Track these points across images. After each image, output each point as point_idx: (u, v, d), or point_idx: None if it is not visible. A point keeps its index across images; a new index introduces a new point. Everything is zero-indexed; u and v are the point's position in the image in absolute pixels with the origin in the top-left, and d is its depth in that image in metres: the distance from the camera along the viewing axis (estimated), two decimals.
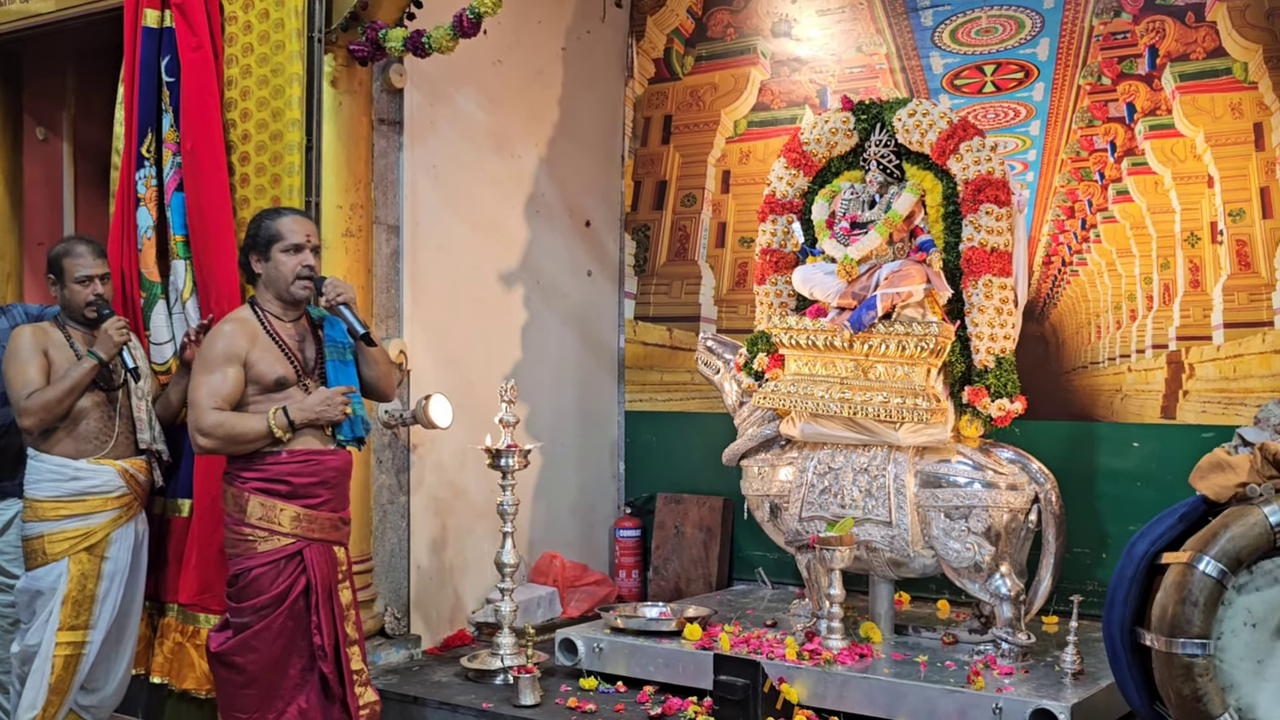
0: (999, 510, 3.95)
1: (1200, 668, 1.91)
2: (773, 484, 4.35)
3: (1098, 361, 4.76)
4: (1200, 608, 1.92)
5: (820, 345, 4.19)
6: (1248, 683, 1.96)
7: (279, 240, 3.70)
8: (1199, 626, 1.92)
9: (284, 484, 3.59)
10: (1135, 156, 4.68)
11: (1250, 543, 1.94)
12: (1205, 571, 1.93)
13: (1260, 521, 1.93)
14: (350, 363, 3.78)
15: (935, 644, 4.16)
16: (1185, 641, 1.92)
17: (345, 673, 3.66)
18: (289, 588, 3.59)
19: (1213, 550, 1.94)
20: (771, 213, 4.54)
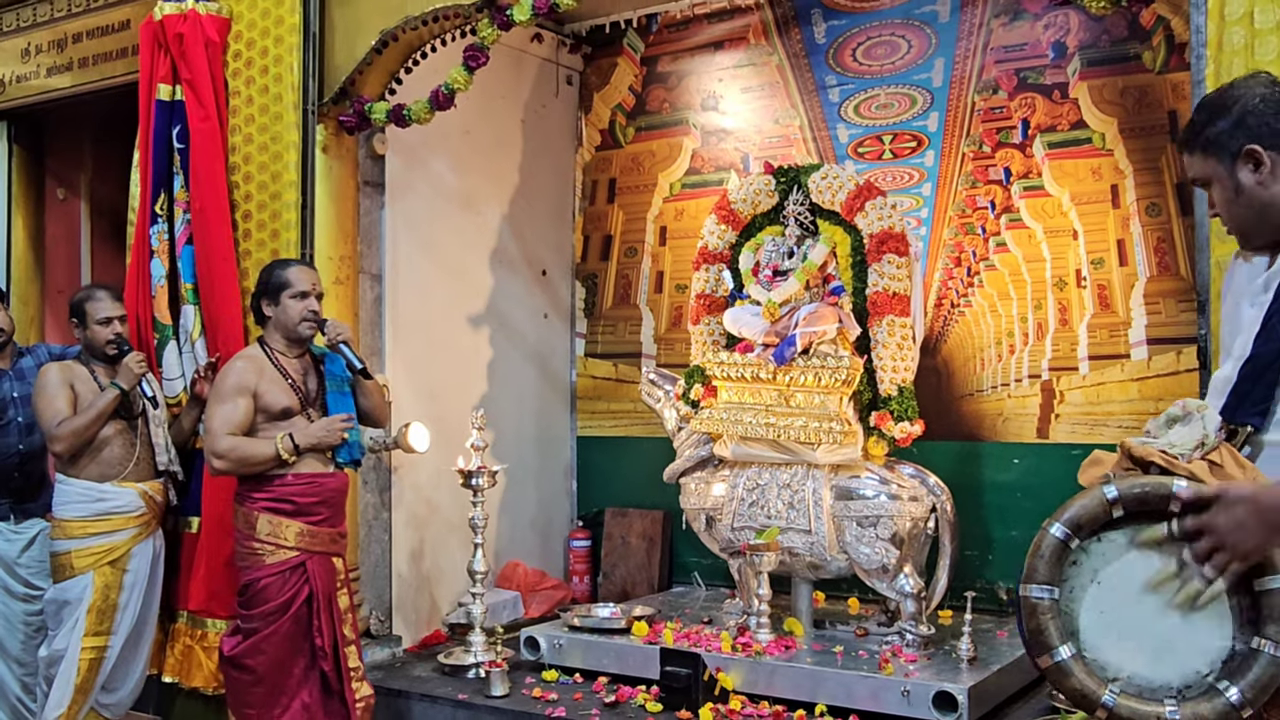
0: (902, 519, 4.02)
1: (1044, 607, 2.04)
2: (708, 498, 4.37)
3: (983, 389, 4.85)
4: (1045, 560, 2.06)
5: (748, 377, 4.24)
6: (1091, 628, 2.08)
7: (288, 288, 3.72)
8: (1043, 575, 2.05)
9: (289, 503, 3.59)
10: (1012, 213, 4.79)
11: (1089, 513, 2.07)
12: (1053, 534, 2.06)
13: (1098, 495, 2.06)
14: (348, 394, 3.79)
15: (849, 636, 4.21)
16: (1034, 586, 2.05)
17: (344, 670, 3.65)
18: (294, 596, 3.58)
19: (1060, 518, 2.07)
20: (704, 262, 4.59)
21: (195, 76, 4.39)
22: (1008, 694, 3.82)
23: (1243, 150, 2.21)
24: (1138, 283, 4.51)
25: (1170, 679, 2.05)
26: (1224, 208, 2.26)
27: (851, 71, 5.18)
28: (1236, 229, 2.28)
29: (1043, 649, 2.04)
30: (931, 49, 4.97)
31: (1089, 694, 2.02)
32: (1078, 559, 2.09)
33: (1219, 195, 2.26)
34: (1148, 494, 2.06)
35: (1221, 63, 2.97)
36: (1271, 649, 2.01)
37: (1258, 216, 2.23)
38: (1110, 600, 2.09)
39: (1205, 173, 2.26)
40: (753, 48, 5.43)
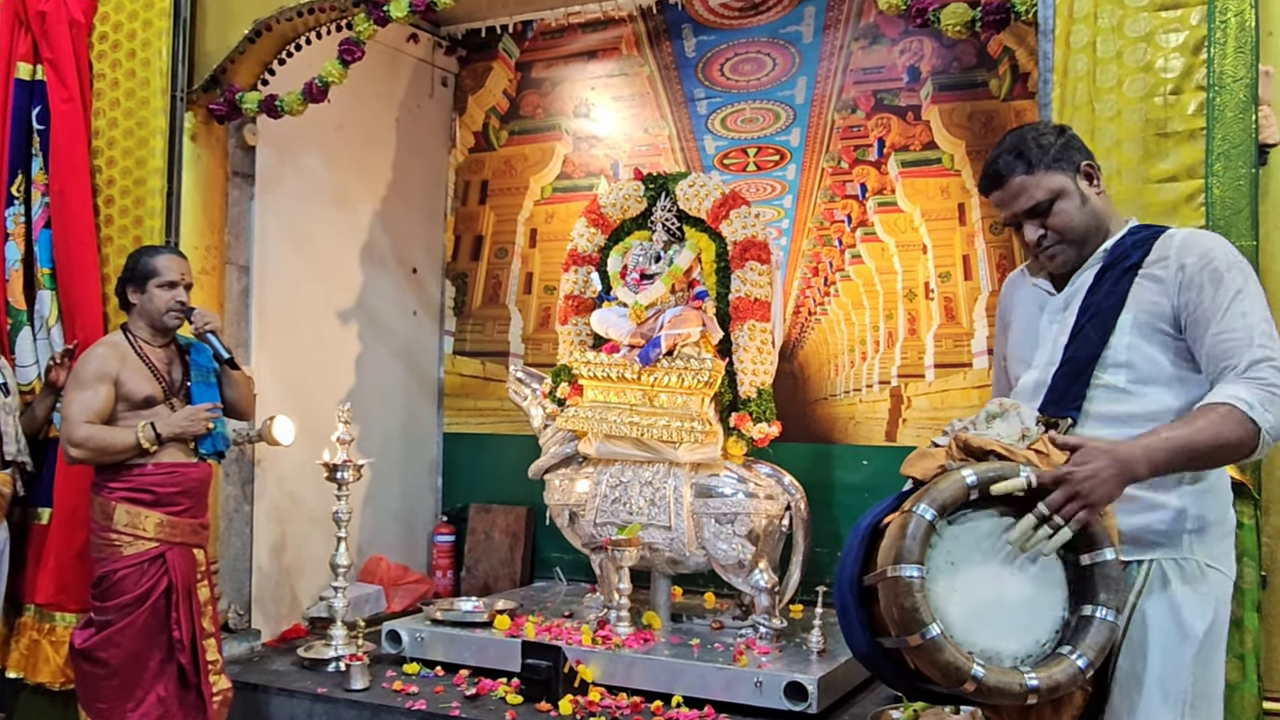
0: (759, 516, 4.05)
1: (917, 585, 2.09)
2: (571, 495, 4.35)
3: (836, 394, 4.94)
4: (917, 541, 2.11)
5: (614, 377, 4.23)
6: (948, 606, 2.14)
7: (156, 276, 3.55)
8: (916, 554, 2.10)
9: (149, 493, 3.42)
10: (867, 227, 4.90)
11: (953, 495, 2.14)
12: (921, 515, 2.12)
13: (959, 479, 2.14)
14: (214, 385, 3.64)
15: (705, 629, 4.23)
16: (906, 566, 2.09)
17: (201, 663, 3.50)
18: (151, 588, 3.42)
19: (926, 500, 2.12)
20: (574, 264, 4.57)
21: (58, 56, 4.17)
22: (854, 684, 3.88)
23: (1082, 165, 2.42)
24: (980, 296, 4.65)
25: (1015, 650, 2.16)
26: (1069, 219, 2.41)
27: (719, 86, 5.22)
28: (1078, 240, 2.43)
29: (916, 626, 2.08)
30: (795, 68, 5.05)
31: (960, 667, 2.07)
32: (934, 542, 2.15)
33: (1068, 207, 2.41)
34: (1001, 477, 2.17)
35: (1066, 87, 3.07)
36: (1104, 614, 2.16)
37: (1096, 226, 2.41)
38: (962, 579, 2.16)
39: (1056, 187, 2.40)
40: (625, 58, 5.43)
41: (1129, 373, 2.33)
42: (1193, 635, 2.29)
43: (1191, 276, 2.27)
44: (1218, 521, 2.37)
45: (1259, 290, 2.26)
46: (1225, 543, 2.40)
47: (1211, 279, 2.26)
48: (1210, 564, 2.34)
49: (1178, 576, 2.32)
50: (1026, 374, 2.48)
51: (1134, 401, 2.32)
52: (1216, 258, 2.27)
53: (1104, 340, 2.34)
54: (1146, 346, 2.32)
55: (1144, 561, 2.33)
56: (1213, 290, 2.25)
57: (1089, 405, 2.35)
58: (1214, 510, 2.36)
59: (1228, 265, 2.26)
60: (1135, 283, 2.34)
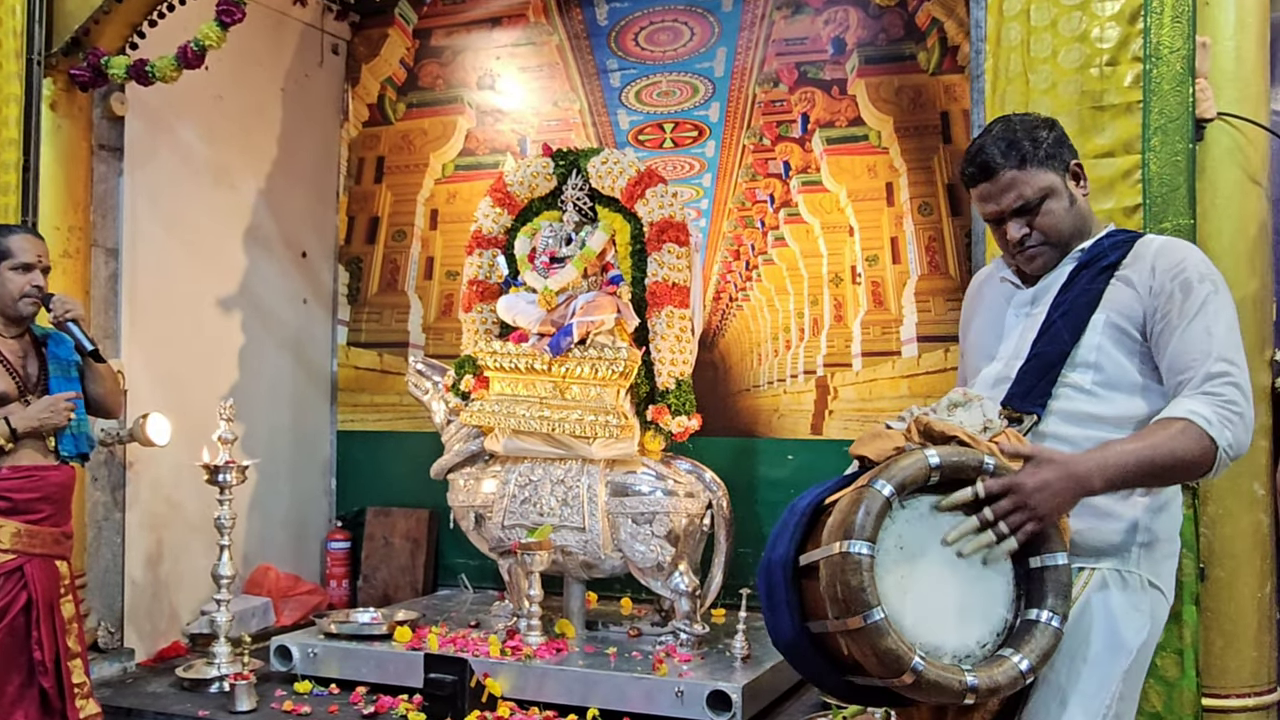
0: (678, 515, 4.03)
1: (866, 564, 2.07)
2: (477, 495, 4.29)
3: (759, 385, 4.94)
4: (872, 516, 2.10)
5: (522, 368, 4.18)
6: (891, 593, 2.13)
7: (8, 258, 3.38)
8: (870, 531, 2.09)
9: (5, 500, 3.26)
10: (790, 208, 4.90)
11: (913, 474, 2.14)
12: (879, 490, 2.10)
13: (921, 459, 2.14)
14: (75, 380, 3.48)
15: (622, 637, 4.21)
16: (857, 542, 2.06)
17: (66, 686, 3.34)
18: (9, 604, 3.25)
19: (885, 476, 2.11)
20: (478, 247, 4.51)
21: None
22: (780, 691, 3.89)
23: (1071, 164, 2.46)
24: (909, 280, 4.68)
25: (956, 647, 2.16)
26: (1056, 220, 2.44)
27: (633, 56, 5.18)
28: (1062, 242, 2.46)
29: (860, 607, 2.05)
30: (714, 38, 5.03)
31: (901, 656, 2.05)
32: (885, 523, 2.13)
33: (1057, 207, 2.44)
34: (964, 464, 2.18)
35: (1000, 57, 3.08)
36: (1050, 619, 2.16)
37: (1079, 229, 2.46)
38: (909, 567, 2.15)
39: (1046, 185, 2.47)
40: (532, 26, 5.36)
41: (1096, 374, 2.36)
42: (1127, 649, 2.33)
43: (1163, 284, 2.32)
44: (1167, 540, 2.42)
45: (1228, 304, 2.31)
46: (1169, 563, 2.44)
47: (1182, 288, 2.31)
48: (1154, 581, 2.39)
49: (1119, 587, 2.36)
50: (988, 366, 2.51)
51: (1099, 403, 2.36)
52: (1189, 268, 2.31)
53: (1075, 338, 2.38)
54: (1114, 350, 2.36)
55: (1085, 569, 2.36)
56: (1181, 299, 2.30)
57: (1054, 403, 2.38)
58: (1165, 528, 2.41)
59: (1199, 277, 2.30)
60: (1110, 284, 2.38)
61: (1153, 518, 2.37)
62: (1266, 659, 3.29)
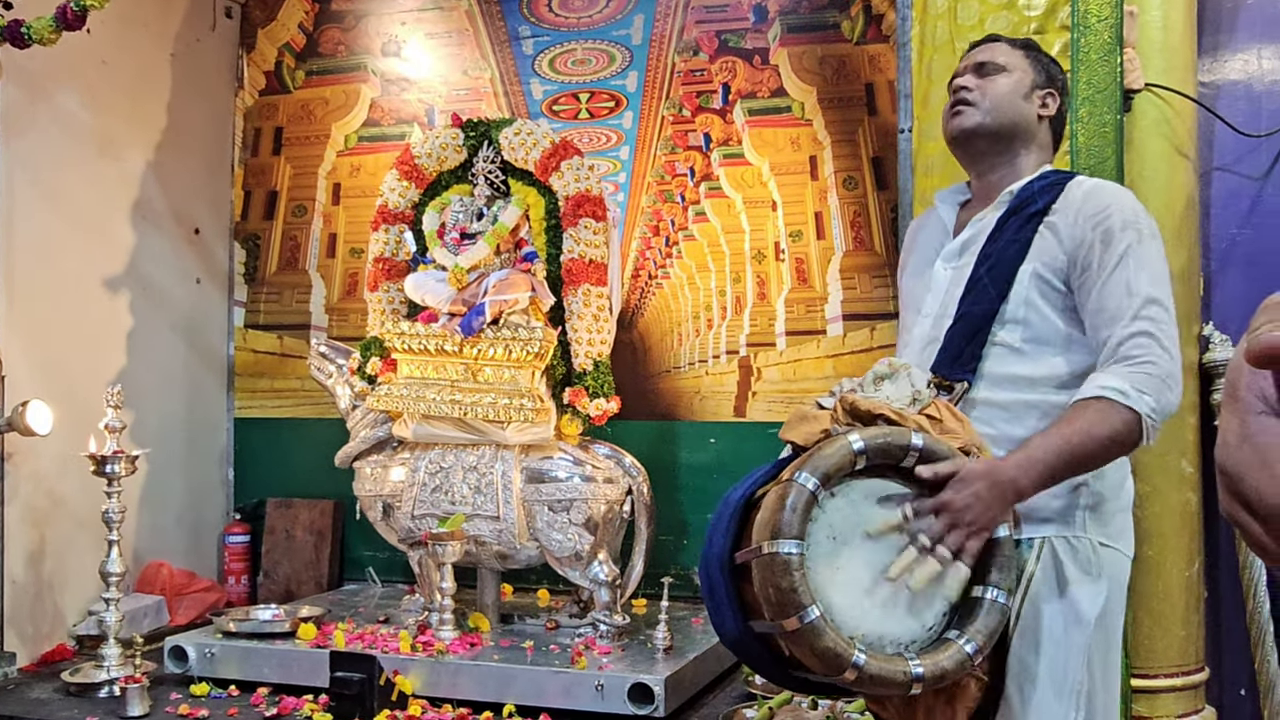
0: (597, 502, 4.04)
1: (796, 563, 2.08)
2: (385, 484, 4.26)
3: (680, 366, 4.96)
4: (798, 513, 2.11)
5: (432, 349, 4.15)
6: (828, 586, 2.15)
7: None
8: (796, 529, 2.10)
9: None
10: (711, 182, 4.92)
11: (836, 462, 2.15)
12: (802, 484, 2.11)
13: (845, 445, 2.15)
14: None
15: (539, 630, 4.20)
16: (784, 541, 2.08)
17: None
18: None
19: (808, 468, 2.12)
20: (384, 222, 4.46)
21: None
22: (705, 683, 3.91)
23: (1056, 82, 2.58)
24: (834, 257, 4.73)
25: (900, 635, 2.17)
26: (999, 92, 2.53)
27: (547, 23, 5.15)
28: (993, 122, 2.54)
29: (793, 609, 2.07)
30: (631, 4, 5.02)
31: (840, 654, 2.07)
32: (815, 515, 2.14)
33: (1007, 84, 2.54)
34: (890, 445, 2.19)
35: (926, 25, 3.13)
36: (994, 595, 2.19)
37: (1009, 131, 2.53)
38: (845, 557, 2.17)
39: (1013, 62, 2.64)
40: None
41: (1024, 330, 2.39)
42: (1085, 621, 2.36)
43: (1084, 233, 2.33)
44: (1114, 496, 2.45)
45: (1154, 254, 2.32)
46: (1122, 518, 2.48)
47: (1103, 238, 2.31)
48: (1105, 543, 2.43)
49: (1070, 557, 2.39)
50: (917, 325, 2.55)
51: (1028, 362, 2.39)
52: (1113, 214, 2.32)
53: (1002, 294, 2.40)
54: (1041, 303, 2.38)
55: (1035, 540, 2.41)
56: (1101, 250, 2.31)
57: (985, 364, 2.42)
58: (1111, 484, 2.44)
59: (1123, 224, 2.31)
60: (1038, 232, 2.40)
61: (1095, 478, 2.40)
62: (1194, 638, 3.40)
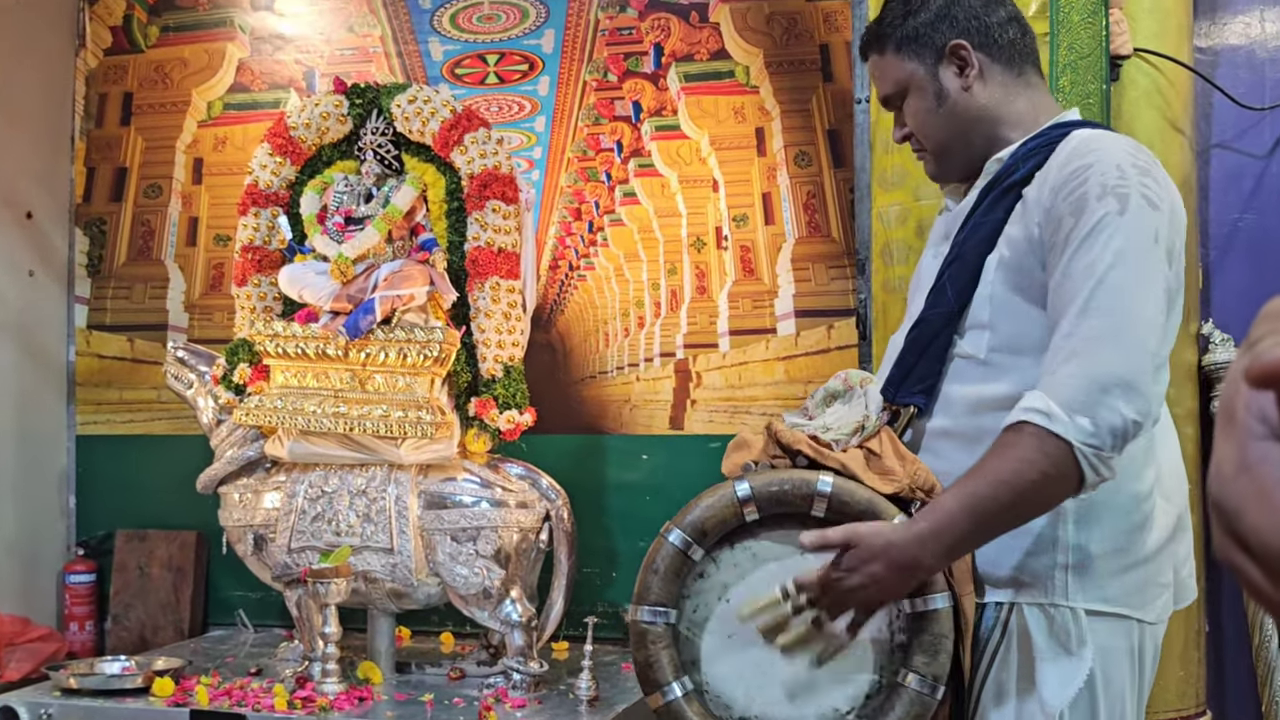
0: (509, 530, 4.05)
1: (654, 635, 2.09)
2: (257, 512, 4.24)
3: (606, 371, 4.98)
4: (660, 575, 2.10)
5: (311, 354, 4.14)
6: (716, 657, 2.14)
7: None
8: (656, 594, 2.10)
9: None
10: (642, 158, 4.95)
11: (716, 514, 2.13)
12: (671, 541, 2.12)
13: (728, 494, 2.12)
14: None
15: (441, 680, 4.20)
16: (643, 609, 2.09)
17: None
18: None
19: (681, 522, 2.12)
20: (254, 205, 4.44)
21: None
22: None
23: (948, 47, 2.32)
24: (785, 244, 4.78)
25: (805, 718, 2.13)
26: (921, 122, 2.37)
27: None
28: (937, 149, 2.39)
29: (652, 686, 2.08)
30: None
31: None
32: (705, 570, 2.14)
33: (916, 107, 2.37)
34: (786, 493, 2.14)
35: None
36: (914, 683, 2.13)
37: (964, 131, 2.35)
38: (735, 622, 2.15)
39: (900, 78, 2.36)
40: None
41: (991, 337, 2.23)
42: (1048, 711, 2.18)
43: (1055, 203, 2.14)
44: (1117, 550, 2.22)
45: (1138, 227, 2.07)
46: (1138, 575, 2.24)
47: (1074, 208, 2.11)
48: (1101, 610, 2.21)
49: (1041, 628, 2.21)
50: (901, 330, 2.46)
51: (995, 379, 2.19)
52: (1092, 178, 2.10)
53: (963, 292, 2.25)
54: (1013, 300, 2.20)
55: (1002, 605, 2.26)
56: (1072, 223, 2.10)
57: (942, 384, 2.27)
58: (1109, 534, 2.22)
59: (1101, 190, 2.09)
60: (1014, 210, 2.22)
61: (1083, 526, 2.20)
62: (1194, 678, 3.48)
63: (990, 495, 2.00)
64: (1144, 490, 2.24)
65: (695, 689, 2.11)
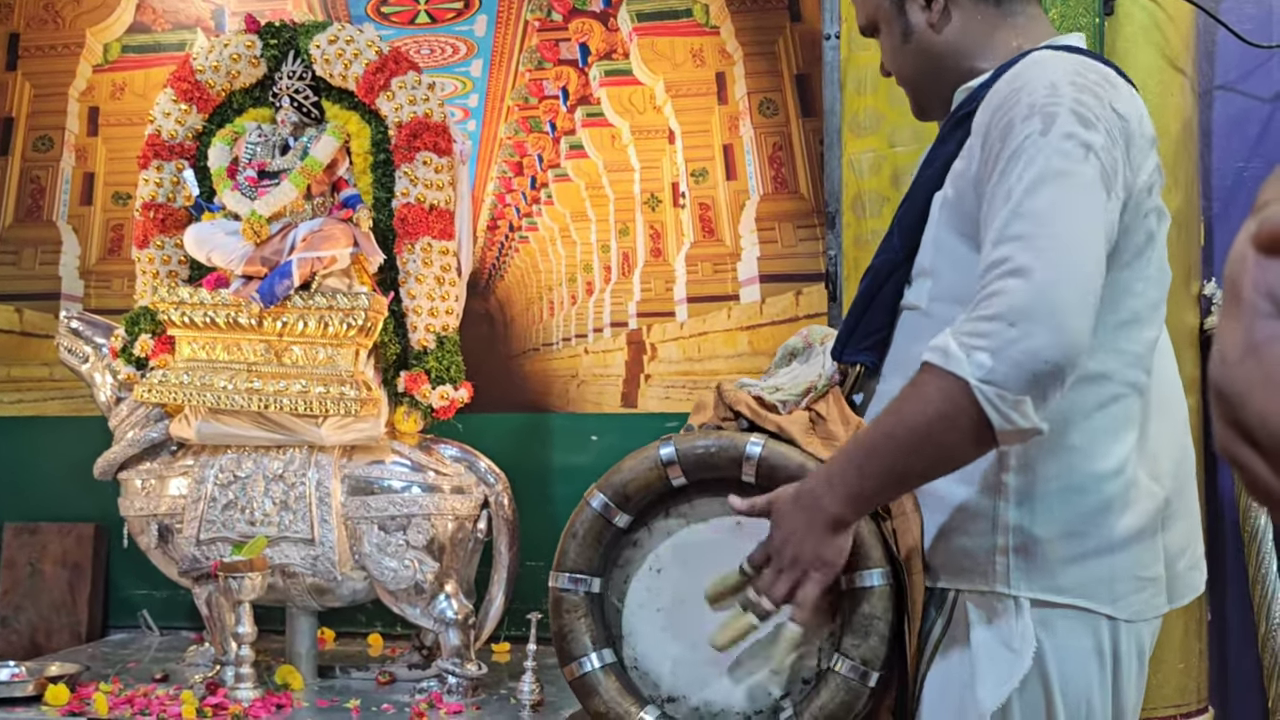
0: (443, 518, 4.04)
1: (570, 604, 2.11)
2: (161, 500, 4.21)
3: (551, 343, 4.98)
4: (579, 540, 2.13)
5: (222, 323, 4.11)
6: (645, 631, 2.15)
7: None
8: (573, 559, 2.12)
9: None
10: (590, 106, 4.94)
11: (639, 477, 2.16)
12: (592, 505, 2.13)
13: (651, 456, 2.15)
14: None
15: (369, 685, 4.19)
16: (561, 575, 2.10)
17: None
18: None
19: (603, 485, 2.13)
20: (156, 157, 4.40)
21: None
22: None
23: None
24: (749, 202, 4.79)
25: (737, 702, 2.15)
26: (892, 58, 2.43)
27: None
28: (909, 87, 2.45)
29: (567, 657, 2.10)
30: None
31: (620, 717, 2.08)
32: (640, 539, 2.16)
33: (886, 43, 2.42)
34: (713, 455, 2.17)
35: None
36: (845, 668, 2.13)
37: (934, 68, 2.37)
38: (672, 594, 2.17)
39: (870, 11, 2.43)
40: None
41: (933, 285, 2.21)
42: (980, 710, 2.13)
43: (989, 130, 2.10)
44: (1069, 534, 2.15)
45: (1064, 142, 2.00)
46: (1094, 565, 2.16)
47: (1002, 132, 2.06)
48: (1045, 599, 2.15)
49: (981, 621, 2.17)
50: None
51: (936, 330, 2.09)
52: (1022, 98, 2.06)
53: (910, 237, 2.26)
54: (955, 242, 2.18)
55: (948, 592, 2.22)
56: (998, 148, 2.06)
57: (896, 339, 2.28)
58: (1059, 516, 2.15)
59: (1029, 110, 2.03)
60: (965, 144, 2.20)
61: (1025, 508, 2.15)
62: (1195, 671, 3.50)
63: (886, 434, 2.00)
64: (1108, 469, 2.15)
65: (618, 662, 2.13)
